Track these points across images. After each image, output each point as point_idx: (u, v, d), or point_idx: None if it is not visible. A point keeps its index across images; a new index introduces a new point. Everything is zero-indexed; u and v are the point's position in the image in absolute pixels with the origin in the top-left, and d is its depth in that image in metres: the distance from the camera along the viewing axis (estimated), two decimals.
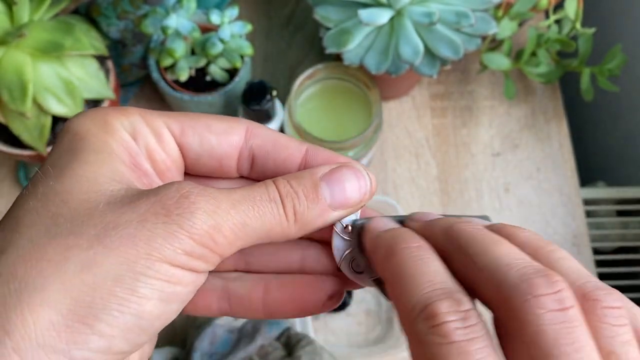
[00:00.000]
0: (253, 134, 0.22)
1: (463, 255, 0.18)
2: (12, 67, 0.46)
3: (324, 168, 0.21)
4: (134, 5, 0.51)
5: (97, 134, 0.20)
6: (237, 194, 0.19)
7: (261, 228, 0.19)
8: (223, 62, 0.56)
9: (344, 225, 0.22)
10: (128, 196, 0.18)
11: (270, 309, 0.22)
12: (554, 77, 0.60)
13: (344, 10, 0.51)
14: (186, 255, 0.18)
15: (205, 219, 0.18)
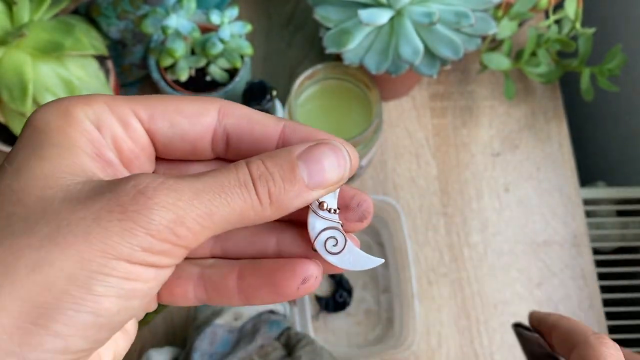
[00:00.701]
0: (226, 114, 0.21)
1: None
2: (12, 67, 0.46)
3: (301, 146, 0.20)
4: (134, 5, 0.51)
5: (58, 126, 0.19)
6: (201, 182, 0.18)
7: (231, 214, 0.19)
8: (223, 62, 0.56)
9: (319, 202, 0.21)
10: (85, 191, 0.18)
11: (246, 295, 0.22)
12: (554, 77, 0.60)
13: (344, 10, 0.51)
14: (144, 251, 0.17)
15: (164, 214, 0.17)
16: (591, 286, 0.58)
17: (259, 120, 0.22)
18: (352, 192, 0.23)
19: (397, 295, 0.55)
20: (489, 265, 0.58)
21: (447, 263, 0.58)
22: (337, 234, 0.22)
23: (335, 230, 0.22)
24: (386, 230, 0.57)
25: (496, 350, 0.56)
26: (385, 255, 0.58)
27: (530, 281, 0.58)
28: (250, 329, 0.45)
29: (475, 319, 0.57)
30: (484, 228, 0.60)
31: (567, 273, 0.58)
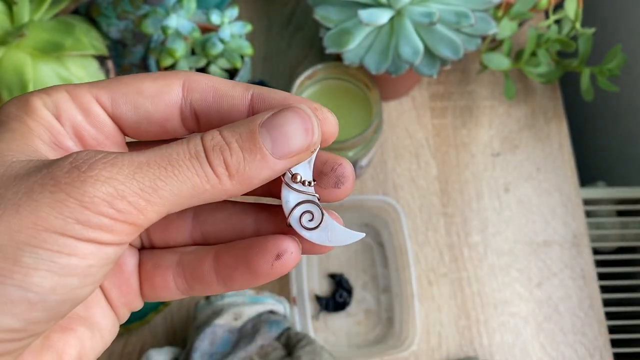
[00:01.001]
0: (191, 88, 0.20)
1: None
2: (12, 67, 0.46)
3: (265, 113, 0.19)
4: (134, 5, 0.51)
5: (17, 116, 0.19)
6: (145, 155, 0.17)
7: (182, 189, 0.18)
8: (223, 62, 0.56)
9: (291, 174, 0.20)
10: (26, 168, 0.17)
11: (223, 278, 0.21)
12: (554, 77, 0.60)
13: (344, 11, 0.51)
14: (79, 224, 0.16)
15: (99, 187, 0.16)
16: (591, 286, 0.58)
17: (225, 92, 0.20)
18: (326, 156, 0.21)
19: (397, 295, 0.55)
20: (489, 265, 0.58)
21: (447, 263, 0.58)
22: (314, 208, 0.20)
23: (311, 204, 0.20)
24: (386, 230, 0.57)
25: (496, 350, 0.56)
26: (385, 255, 0.58)
27: (530, 281, 0.58)
28: (250, 329, 0.45)
29: (475, 319, 0.57)
30: (484, 228, 0.60)
31: (567, 273, 0.58)
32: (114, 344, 0.55)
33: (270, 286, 0.57)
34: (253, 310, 0.46)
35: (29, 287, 0.16)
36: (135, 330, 0.55)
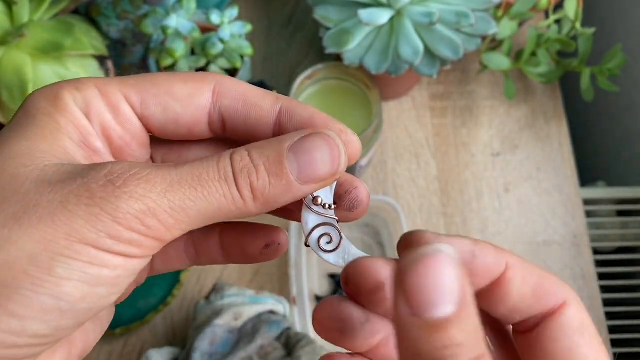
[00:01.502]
0: (221, 94, 0.20)
1: None
2: (12, 67, 0.46)
3: (294, 135, 0.19)
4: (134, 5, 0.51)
5: (47, 110, 0.19)
6: (178, 173, 0.18)
7: (209, 209, 0.18)
8: (223, 62, 0.56)
9: (313, 197, 0.20)
10: (59, 173, 0.17)
11: (227, 253, 0.22)
12: (554, 77, 0.60)
13: (344, 10, 0.51)
14: (111, 239, 0.17)
15: (132, 204, 0.17)
16: (591, 286, 0.58)
17: (255, 103, 0.20)
18: (344, 178, 0.21)
19: None
20: None
21: None
22: (332, 231, 0.21)
23: (330, 226, 0.21)
24: (386, 230, 0.57)
25: None
26: (385, 255, 0.58)
27: None
28: (250, 329, 0.45)
29: None
30: (484, 228, 0.60)
31: (567, 273, 0.58)
32: (114, 344, 0.55)
33: (270, 286, 0.57)
34: (253, 311, 0.46)
35: (61, 297, 0.16)
36: (135, 330, 0.55)
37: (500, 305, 0.19)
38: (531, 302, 0.19)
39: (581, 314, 0.19)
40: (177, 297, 0.56)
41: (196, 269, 0.58)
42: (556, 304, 0.19)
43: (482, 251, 0.19)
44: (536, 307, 0.19)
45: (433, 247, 0.16)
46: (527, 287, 0.19)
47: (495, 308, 0.19)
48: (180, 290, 0.56)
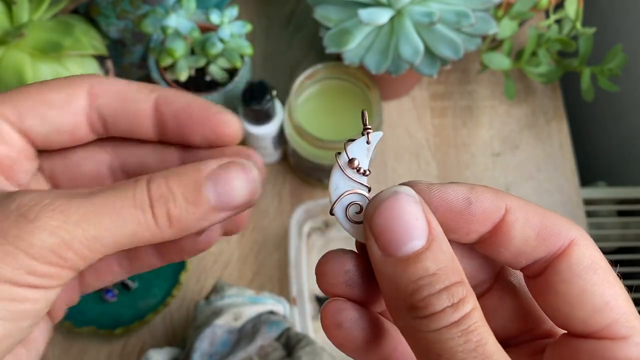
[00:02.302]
0: (97, 94, 0.20)
1: None
2: (11, 66, 0.46)
3: (210, 164, 0.19)
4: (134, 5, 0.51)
5: None
6: (91, 202, 0.17)
7: (124, 237, 0.18)
8: (223, 62, 0.56)
9: (349, 158, 0.19)
10: None
11: (160, 254, 0.22)
12: (555, 77, 0.60)
13: (344, 10, 0.51)
14: (29, 274, 0.17)
15: (46, 238, 0.17)
16: None
17: (130, 96, 0.20)
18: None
19: None
20: None
21: None
22: (361, 200, 0.19)
23: (361, 195, 0.19)
24: None
25: None
26: None
27: None
28: (250, 330, 0.45)
29: None
30: None
31: None
32: (114, 344, 0.55)
33: (270, 286, 0.57)
34: (253, 311, 0.46)
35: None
36: (134, 330, 0.55)
37: (504, 250, 0.19)
38: (536, 244, 0.18)
39: (591, 251, 0.18)
40: (177, 298, 0.56)
41: (195, 269, 0.58)
42: (564, 244, 0.18)
43: (478, 196, 0.18)
44: (542, 249, 0.18)
45: (391, 189, 0.17)
46: (530, 228, 0.18)
47: (499, 253, 0.19)
48: (179, 290, 0.56)
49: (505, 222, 0.18)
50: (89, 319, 0.54)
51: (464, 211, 0.18)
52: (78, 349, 0.55)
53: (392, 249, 0.17)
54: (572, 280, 0.18)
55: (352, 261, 0.19)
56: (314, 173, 0.56)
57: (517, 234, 0.18)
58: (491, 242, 0.19)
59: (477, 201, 0.18)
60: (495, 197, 0.18)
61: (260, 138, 0.55)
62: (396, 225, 0.17)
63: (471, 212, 0.18)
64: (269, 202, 0.60)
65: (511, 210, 0.18)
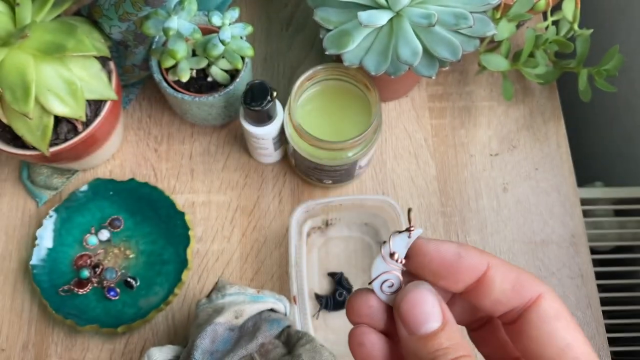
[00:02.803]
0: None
1: None
2: (14, 67, 0.47)
3: None
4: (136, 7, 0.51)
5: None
6: None
7: None
8: (224, 64, 0.56)
9: (391, 252, 0.24)
10: None
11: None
12: (552, 77, 0.60)
13: (343, 12, 0.51)
14: None
15: None
16: (589, 285, 0.58)
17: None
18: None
19: None
20: None
21: None
22: (395, 279, 0.24)
23: (394, 275, 0.24)
24: (386, 230, 0.58)
25: None
26: None
27: None
28: (251, 327, 0.46)
29: None
30: (482, 228, 0.60)
31: (564, 272, 0.59)
32: (116, 342, 0.55)
33: (271, 285, 0.57)
34: (254, 309, 0.47)
35: None
36: (136, 328, 0.55)
37: (484, 299, 0.23)
38: (511, 295, 0.22)
39: (556, 303, 0.22)
40: (179, 296, 0.57)
41: (197, 268, 0.58)
42: (533, 296, 0.22)
43: (467, 253, 0.23)
44: (516, 299, 0.22)
45: (415, 283, 0.23)
46: (507, 282, 0.23)
47: (481, 301, 0.23)
48: (181, 289, 0.57)
49: (487, 276, 0.23)
50: (91, 317, 0.55)
51: (454, 264, 0.23)
52: (80, 347, 0.55)
53: (415, 329, 0.22)
54: (541, 326, 0.22)
55: (375, 298, 0.24)
56: (314, 173, 0.57)
57: (497, 286, 0.23)
58: (475, 292, 0.23)
59: (466, 257, 0.23)
60: (480, 254, 0.23)
61: (261, 138, 0.55)
62: (418, 311, 0.22)
63: (460, 265, 0.23)
64: (269, 202, 0.61)
65: (492, 266, 0.23)
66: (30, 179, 0.60)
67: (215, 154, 0.62)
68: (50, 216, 0.57)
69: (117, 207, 0.59)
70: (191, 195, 0.61)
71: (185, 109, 0.58)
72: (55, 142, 0.52)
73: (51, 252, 0.57)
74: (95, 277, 0.57)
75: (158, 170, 0.61)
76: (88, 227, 0.58)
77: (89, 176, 0.61)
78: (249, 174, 0.62)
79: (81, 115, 0.50)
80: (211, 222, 0.60)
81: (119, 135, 0.60)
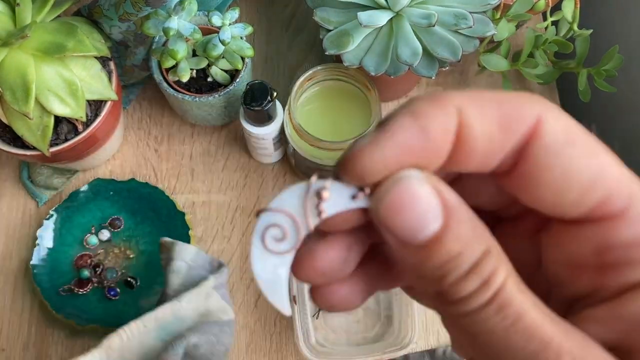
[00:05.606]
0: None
1: None
2: (15, 68, 0.47)
3: None
4: (136, 7, 0.51)
5: None
6: None
7: None
8: (224, 64, 0.56)
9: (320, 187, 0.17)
10: None
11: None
12: (552, 78, 0.60)
13: (343, 12, 0.51)
14: None
15: None
16: None
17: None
18: None
19: (396, 294, 0.56)
20: None
21: None
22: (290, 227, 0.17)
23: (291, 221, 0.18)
24: None
25: None
26: None
27: None
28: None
29: None
30: None
31: None
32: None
33: None
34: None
35: None
36: None
37: (472, 158, 0.16)
38: (501, 136, 0.16)
39: (562, 122, 0.16)
40: None
41: None
42: (530, 126, 0.16)
43: (428, 123, 0.15)
44: (509, 139, 0.16)
45: (393, 178, 0.16)
46: (490, 123, 0.16)
47: (468, 163, 0.16)
48: None
49: (462, 127, 0.16)
50: (92, 317, 0.55)
51: (422, 149, 0.16)
52: (81, 347, 0.55)
53: (408, 239, 0.15)
54: (550, 163, 0.15)
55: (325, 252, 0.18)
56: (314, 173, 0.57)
57: (478, 133, 0.16)
58: (457, 157, 0.16)
59: (431, 129, 0.16)
60: (443, 111, 0.16)
61: (261, 138, 0.55)
62: (407, 215, 0.15)
63: (429, 145, 0.16)
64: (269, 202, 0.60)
65: (464, 111, 0.16)
66: (30, 179, 0.60)
67: (216, 154, 0.62)
68: (50, 216, 0.57)
69: (117, 207, 0.59)
70: (191, 195, 0.61)
71: (186, 109, 0.58)
72: (55, 142, 0.52)
73: (52, 252, 0.57)
74: (95, 277, 0.57)
75: (158, 170, 0.62)
76: (88, 227, 0.58)
77: (89, 176, 0.61)
78: (249, 174, 0.62)
79: (81, 115, 0.50)
80: (211, 222, 0.60)
81: (119, 136, 0.60)
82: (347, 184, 0.16)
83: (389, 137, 0.15)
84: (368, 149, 0.16)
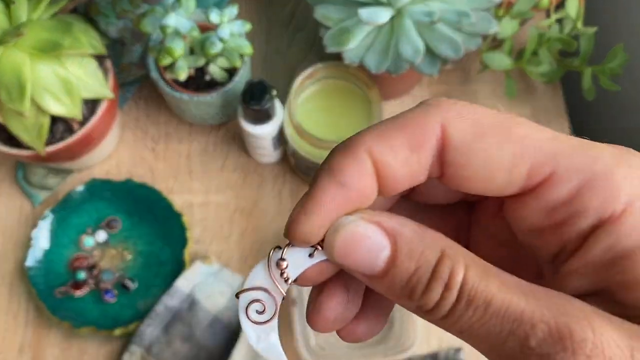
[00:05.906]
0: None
1: None
2: (10, 66, 0.46)
3: None
4: (133, 4, 0.51)
5: None
6: None
7: None
8: (222, 62, 0.55)
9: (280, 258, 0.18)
10: None
11: None
12: (556, 76, 0.60)
13: (344, 10, 0.51)
14: None
15: None
16: None
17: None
18: None
19: None
20: None
21: None
22: (269, 302, 0.19)
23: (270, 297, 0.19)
24: None
25: None
26: None
27: None
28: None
29: None
30: None
31: None
32: (113, 344, 0.55)
33: None
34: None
35: None
36: (133, 331, 0.55)
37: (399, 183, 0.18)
38: (415, 157, 0.17)
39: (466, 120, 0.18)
40: None
41: None
42: (437, 135, 0.17)
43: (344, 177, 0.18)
44: (424, 156, 0.18)
45: (334, 226, 0.17)
46: (400, 150, 0.17)
47: (398, 188, 0.18)
48: None
49: (379, 164, 0.17)
50: (88, 319, 0.54)
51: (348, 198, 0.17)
52: (77, 350, 0.54)
53: (369, 273, 0.17)
54: (465, 161, 0.17)
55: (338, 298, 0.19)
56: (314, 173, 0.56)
57: (394, 164, 0.17)
58: (386, 187, 0.18)
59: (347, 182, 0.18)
60: (353, 159, 0.18)
61: (260, 138, 0.54)
62: (358, 255, 0.17)
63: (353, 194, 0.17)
64: (269, 202, 0.60)
65: (374, 150, 0.18)
66: (25, 179, 0.60)
67: (214, 153, 0.62)
68: (45, 217, 0.56)
69: (113, 208, 0.58)
70: (189, 195, 0.60)
71: (183, 107, 0.57)
72: (51, 142, 0.51)
73: (47, 253, 0.56)
74: (91, 279, 0.56)
75: (155, 170, 0.61)
76: (84, 227, 0.57)
77: (85, 176, 0.60)
78: (248, 174, 0.61)
79: (77, 114, 0.50)
80: (210, 223, 0.59)
81: (115, 135, 0.59)
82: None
83: (315, 203, 0.17)
84: (301, 218, 0.17)
